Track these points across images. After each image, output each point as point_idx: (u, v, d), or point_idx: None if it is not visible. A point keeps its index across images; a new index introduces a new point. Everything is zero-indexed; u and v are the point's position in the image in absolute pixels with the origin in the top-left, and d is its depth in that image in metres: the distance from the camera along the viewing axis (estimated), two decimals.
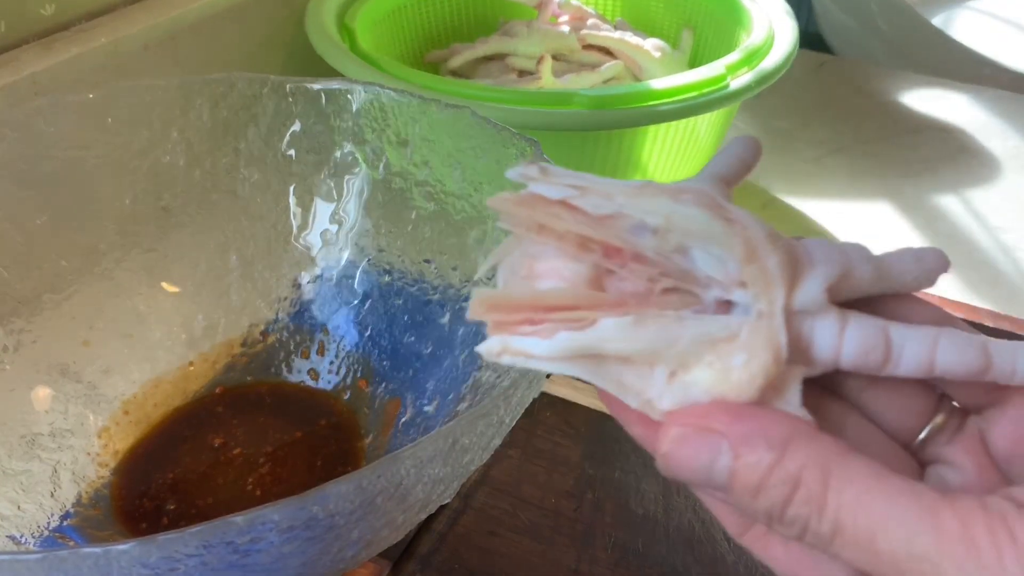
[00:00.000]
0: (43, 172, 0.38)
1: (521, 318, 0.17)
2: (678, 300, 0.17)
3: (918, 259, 0.18)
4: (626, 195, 0.17)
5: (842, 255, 0.17)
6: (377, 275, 0.41)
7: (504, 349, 0.17)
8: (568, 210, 0.17)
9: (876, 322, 0.17)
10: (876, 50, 0.91)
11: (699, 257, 0.17)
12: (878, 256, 0.18)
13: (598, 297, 0.17)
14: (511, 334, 0.17)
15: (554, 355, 0.16)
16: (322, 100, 0.40)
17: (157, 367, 0.40)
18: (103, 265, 0.39)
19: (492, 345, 0.17)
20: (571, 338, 0.16)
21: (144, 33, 0.48)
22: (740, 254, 0.16)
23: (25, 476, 0.34)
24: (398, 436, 0.37)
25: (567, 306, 0.17)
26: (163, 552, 0.20)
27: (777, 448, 0.16)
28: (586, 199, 0.17)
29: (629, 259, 0.17)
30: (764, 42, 0.54)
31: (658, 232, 0.16)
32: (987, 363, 0.17)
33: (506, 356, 0.17)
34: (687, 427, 0.16)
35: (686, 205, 0.16)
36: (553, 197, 0.17)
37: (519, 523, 0.37)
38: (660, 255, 0.17)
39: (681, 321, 0.16)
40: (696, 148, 0.55)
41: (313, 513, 0.21)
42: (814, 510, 0.15)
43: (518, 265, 0.17)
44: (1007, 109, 0.71)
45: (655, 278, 0.17)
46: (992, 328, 0.47)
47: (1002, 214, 0.59)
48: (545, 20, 0.63)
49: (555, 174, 0.17)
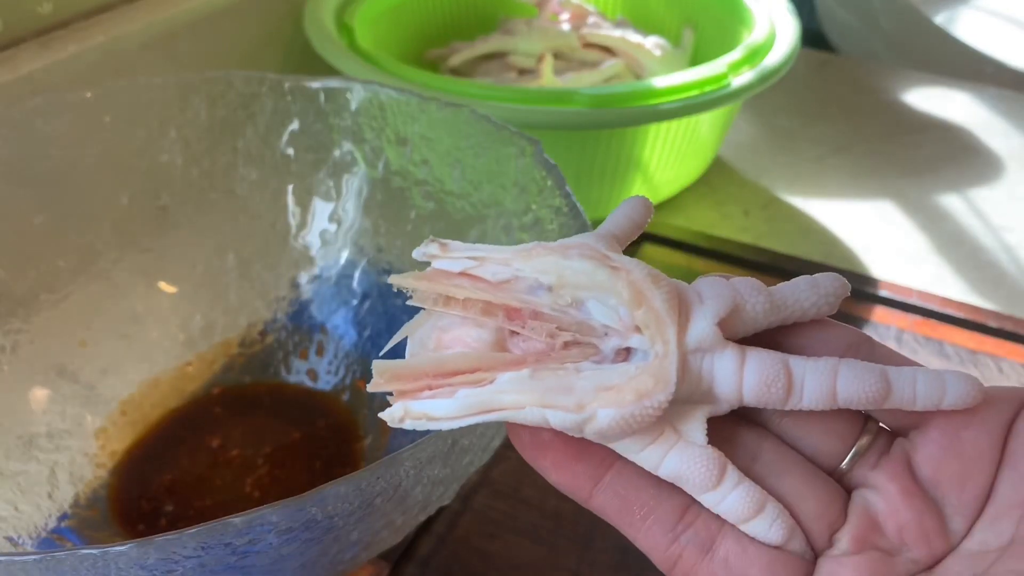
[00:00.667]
0: (40, 171, 0.37)
1: (422, 385, 0.18)
2: (579, 353, 0.18)
3: (813, 285, 0.18)
4: (520, 259, 0.18)
5: (731, 289, 0.18)
6: (376, 275, 0.40)
7: (406, 414, 0.17)
8: (469, 280, 0.18)
9: (775, 356, 0.18)
10: (878, 48, 0.91)
11: (594, 308, 0.17)
12: (773, 288, 0.18)
13: (498, 357, 0.18)
14: (413, 399, 0.17)
15: (454, 414, 0.17)
16: (321, 99, 0.40)
17: (155, 367, 0.39)
18: (100, 265, 0.39)
19: (395, 411, 0.17)
20: (470, 394, 0.17)
21: (142, 31, 0.48)
22: (627, 298, 0.17)
23: (22, 477, 0.33)
24: (397, 437, 0.37)
25: (468, 369, 0.17)
26: (161, 553, 0.20)
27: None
28: (484, 268, 0.18)
29: (528, 317, 0.18)
30: (766, 40, 0.54)
31: (552, 289, 0.17)
32: (887, 391, 0.17)
33: (408, 420, 0.17)
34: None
35: (572, 259, 0.18)
36: (454, 270, 0.18)
37: (519, 525, 0.36)
38: (557, 310, 0.18)
39: (579, 372, 0.17)
40: (697, 147, 0.55)
41: (312, 515, 0.21)
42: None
43: (427, 338, 0.19)
44: (1010, 108, 0.71)
45: (555, 333, 0.18)
46: (995, 328, 0.47)
47: (1005, 213, 0.59)
48: (546, 18, 0.63)
49: (454, 248, 0.19)
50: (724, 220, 0.57)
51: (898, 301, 0.49)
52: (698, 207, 0.58)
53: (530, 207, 0.34)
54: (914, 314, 0.49)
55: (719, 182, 0.61)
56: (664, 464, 0.17)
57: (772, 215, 0.58)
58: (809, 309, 0.18)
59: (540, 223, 0.33)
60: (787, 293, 0.18)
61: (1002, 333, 0.47)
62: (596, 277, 0.17)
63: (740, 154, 0.64)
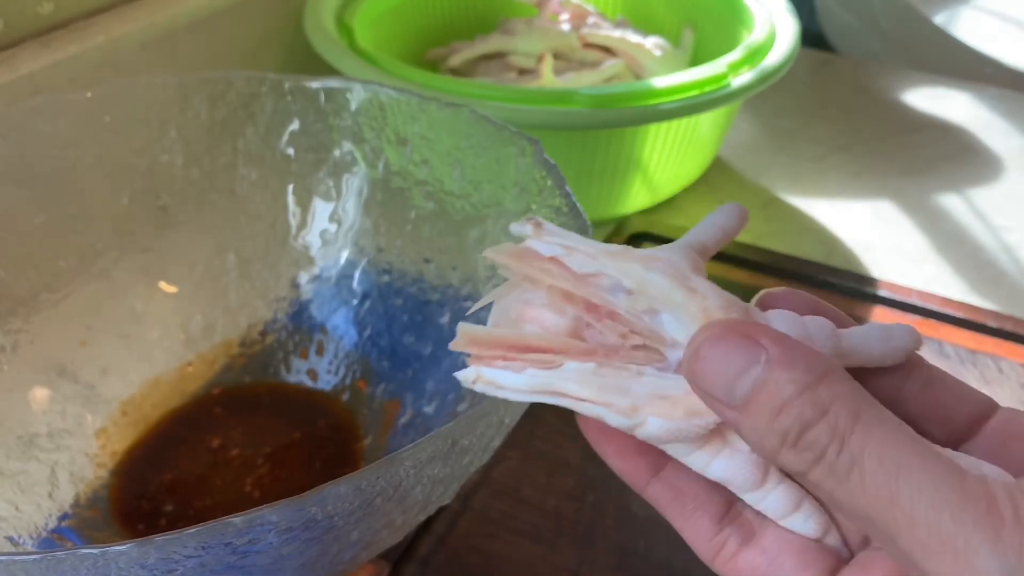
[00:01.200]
0: (40, 171, 0.37)
1: (498, 354, 0.19)
2: (645, 356, 0.18)
3: (885, 337, 0.19)
4: (607, 256, 0.19)
5: (801, 330, 0.18)
6: (376, 275, 0.40)
7: (478, 377, 0.19)
8: (557, 266, 0.19)
9: None
10: (878, 48, 0.91)
11: (667, 320, 0.18)
12: (844, 332, 0.19)
13: (569, 343, 0.19)
14: (487, 366, 0.19)
15: (520, 388, 0.19)
16: (321, 99, 0.40)
17: (155, 367, 0.39)
18: (100, 265, 0.39)
19: (468, 374, 0.19)
20: (537, 375, 0.18)
21: (142, 31, 0.48)
22: (699, 321, 0.18)
23: (23, 477, 0.33)
24: (397, 437, 0.37)
25: (541, 349, 0.19)
26: (161, 553, 0.20)
27: (815, 374, 0.16)
28: (572, 258, 0.19)
29: (605, 316, 0.19)
30: (766, 40, 0.54)
31: (631, 294, 0.18)
32: None
33: (479, 384, 0.19)
34: (731, 330, 0.16)
35: (653, 272, 0.18)
36: (545, 254, 0.19)
37: (519, 525, 0.36)
38: (632, 314, 0.18)
39: (640, 376, 0.18)
40: (697, 147, 0.55)
41: (312, 514, 0.21)
42: (836, 439, 0.15)
43: (510, 308, 0.20)
44: (1010, 108, 0.71)
45: (626, 335, 0.18)
46: (995, 328, 0.47)
47: (1005, 213, 0.59)
48: (545, 18, 0.63)
49: (549, 232, 0.19)
50: None
51: (898, 301, 0.49)
52: (698, 207, 0.58)
53: (530, 207, 0.34)
54: (914, 314, 0.49)
55: (719, 182, 0.61)
56: (711, 468, 0.19)
57: (772, 215, 0.58)
58: (876, 359, 0.19)
59: None
60: (856, 342, 0.19)
61: (1002, 333, 0.47)
62: (672, 296, 0.18)
63: (740, 154, 0.65)
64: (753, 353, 0.16)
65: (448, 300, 0.38)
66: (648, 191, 0.55)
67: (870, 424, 0.15)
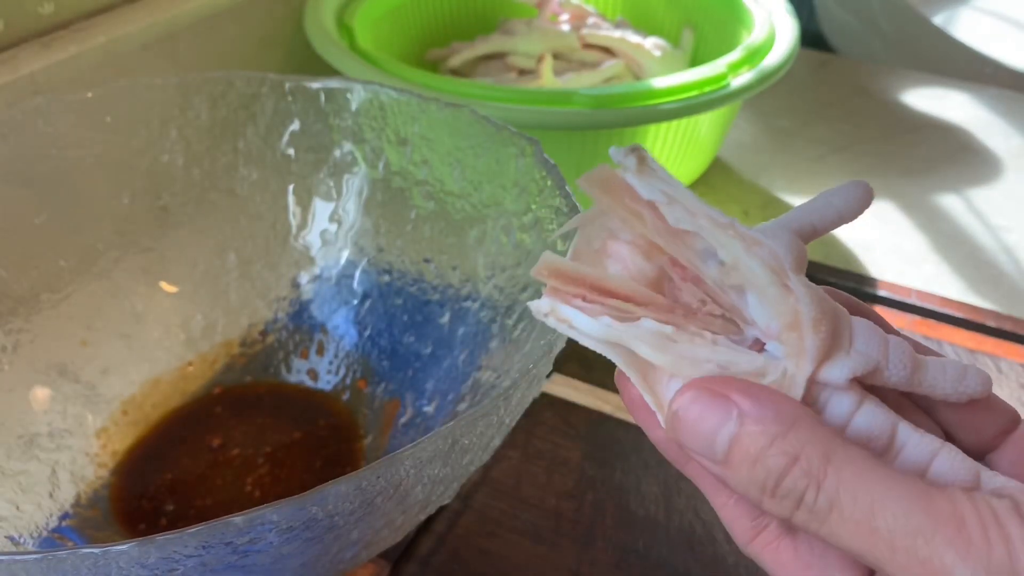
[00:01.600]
0: (41, 171, 0.37)
1: (577, 292, 0.18)
2: (722, 325, 0.18)
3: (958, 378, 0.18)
4: (709, 221, 0.17)
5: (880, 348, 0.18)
6: (376, 275, 0.40)
7: (552, 311, 0.18)
8: (652, 212, 0.18)
9: (888, 416, 0.18)
10: (877, 49, 0.91)
11: (753, 302, 0.18)
12: (922, 359, 0.18)
13: (651, 297, 0.18)
14: (562, 302, 0.18)
15: (591, 334, 0.18)
16: (321, 99, 0.40)
17: (155, 367, 0.40)
18: (101, 265, 0.39)
19: (542, 305, 0.18)
20: (611, 325, 0.17)
21: (143, 32, 0.48)
22: (786, 321, 0.17)
23: (23, 476, 0.34)
24: (397, 437, 0.37)
25: (623, 296, 0.18)
26: (162, 553, 0.20)
27: (784, 423, 0.16)
28: (671, 208, 0.18)
29: (690, 279, 0.18)
30: (765, 41, 0.54)
31: (723, 267, 0.18)
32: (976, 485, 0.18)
33: (551, 318, 0.18)
34: (702, 390, 0.17)
35: (754, 259, 0.17)
36: (643, 196, 0.18)
37: (519, 524, 0.36)
38: (718, 286, 0.18)
39: (714, 346, 0.18)
40: (697, 147, 0.55)
41: (312, 514, 0.21)
42: (811, 483, 0.16)
43: (595, 237, 0.19)
44: (1009, 108, 0.71)
45: (706, 301, 0.18)
46: (994, 328, 0.47)
47: (1004, 213, 0.59)
48: (545, 19, 0.63)
49: (652, 170, 0.18)
50: None
51: (897, 301, 0.49)
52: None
53: (530, 207, 0.34)
54: (913, 314, 0.49)
55: (719, 182, 0.61)
56: None
57: (771, 215, 0.58)
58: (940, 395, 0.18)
59: (540, 223, 0.33)
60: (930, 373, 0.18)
61: (1001, 333, 0.47)
62: (767, 290, 0.17)
63: (739, 154, 0.65)
64: (725, 410, 0.17)
65: (448, 300, 0.38)
66: None
67: (840, 464, 0.16)
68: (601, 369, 0.43)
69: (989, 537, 0.15)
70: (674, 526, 0.36)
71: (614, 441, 0.40)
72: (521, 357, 0.32)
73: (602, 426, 0.41)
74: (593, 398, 0.42)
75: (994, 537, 0.15)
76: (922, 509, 0.15)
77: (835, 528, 0.16)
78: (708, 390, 0.17)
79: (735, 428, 0.17)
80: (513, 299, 0.34)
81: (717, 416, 0.17)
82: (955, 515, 0.15)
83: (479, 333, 0.36)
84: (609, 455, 0.40)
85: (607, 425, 0.41)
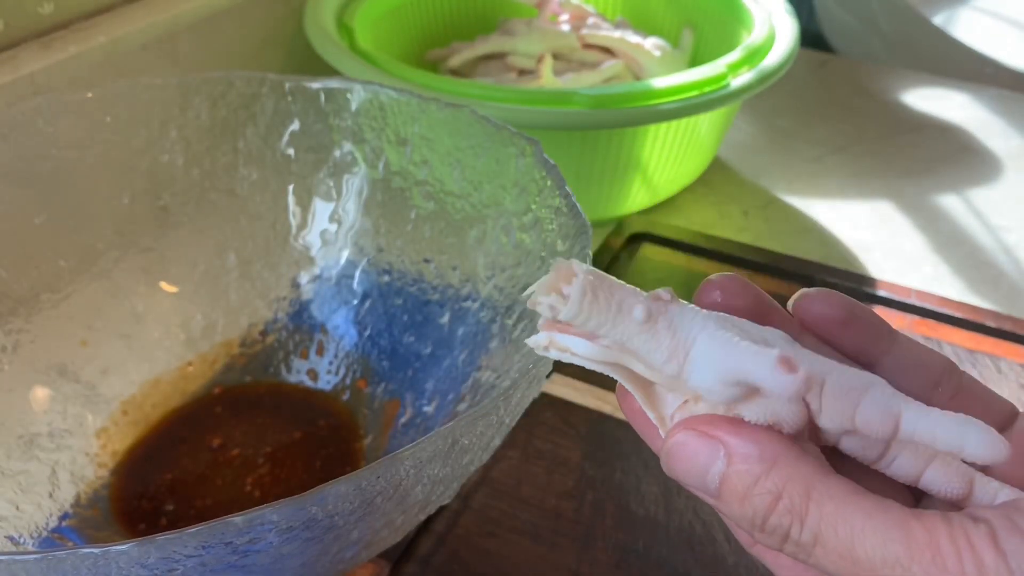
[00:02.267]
0: (41, 171, 0.37)
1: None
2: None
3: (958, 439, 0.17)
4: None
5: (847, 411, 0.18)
6: (376, 275, 0.40)
7: (551, 343, 0.19)
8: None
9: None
10: (877, 49, 0.91)
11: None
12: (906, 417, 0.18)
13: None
14: (558, 331, 0.18)
15: (591, 357, 0.18)
16: (321, 99, 0.40)
17: (155, 367, 0.40)
18: (101, 265, 0.39)
19: (540, 339, 0.19)
20: (608, 347, 0.18)
21: (143, 32, 0.48)
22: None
23: (23, 476, 0.34)
24: (397, 437, 0.37)
25: None
26: (162, 553, 0.20)
27: (767, 461, 0.17)
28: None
29: None
30: (765, 41, 0.54)
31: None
32: (969, 492, 0.19)
33: (552, 350, 0.19)
34: (692, 431, 0.18)
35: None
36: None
37: (519, 524, 0.36)
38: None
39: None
40: (697, 147, 0.55)
41: (312, 514, 0.21)
42: (795, 520, 0.17)
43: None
44: (1008, 108, 0.71)
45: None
46: (994, 328, 0.47)
47: (1003, 213, 0.59)
48: (545, 19, 0.63)
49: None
50: (723, 220, 0.57)
51: (897, 301, 0.49)
52: (697, 207, 0.58)
53: (530, 207, 0.34)
54: (913, 314, 0.49)
55: (718, 182, 0.61)
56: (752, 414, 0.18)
57: (771, 215, 0.58)
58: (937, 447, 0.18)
59: (540, 223, 0.33)
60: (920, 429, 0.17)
61: (1000, 333, 0.47)
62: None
63: (739, 154, 0.65)
64: (714, 449, 0.18)
65: (448, 300, 0.38)
66: (647, 191, 0.55)
67: (821, 500, 0.17)
68: None
69: (963, 564, 0.15)
70: (674, 526, 0.36)
71: (614, 441, 0.40)
72: (521, 357, 0.32)
73: (602, 426, 0.41)
74: (593, 398, 0.42)
75: (968, 564, 0.15)
76: (899, 539, 0.16)
77: (821, 560, 0.17)
78: (696, 431, 0.18)
79: (723, 467, 0.17)
80: (513, 299, 0.34)
81: (706, 454, 0.18)
82: (931, 544, 0.16)
83: (479, 333, 0.36)
84: (609, 455, 0.40)
85: (607, 425, 0.41)
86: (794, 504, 0.17)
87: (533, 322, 0.32)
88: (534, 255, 0.34)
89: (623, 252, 0.52)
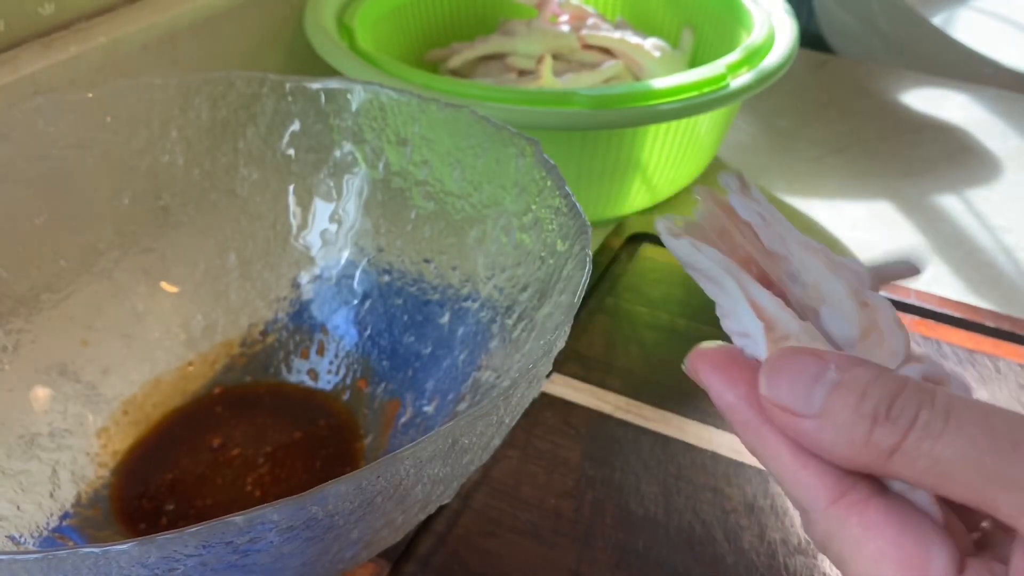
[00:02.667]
0: (42, 171, 0.37)
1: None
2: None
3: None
4: (798, 245, 0.20)
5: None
6: (376, 275, 0.41)
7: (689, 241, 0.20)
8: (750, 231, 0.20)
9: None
10: (877, 49, 0.91)
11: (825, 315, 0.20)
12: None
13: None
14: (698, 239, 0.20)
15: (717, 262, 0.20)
16: (321, 99, 0.40)
17: (156, 367, 0.40)
18: (101, 265, 0.39)
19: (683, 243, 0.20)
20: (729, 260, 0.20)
21: (143, 32, 0.48)
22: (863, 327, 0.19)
23: (24, 476, 0.34)
24: (397, 436, 0.37)
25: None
26: (162, 552, 0.20)
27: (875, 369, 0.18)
28: (767, 231, 0.20)
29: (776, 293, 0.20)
30: (764, 41, 0.54)
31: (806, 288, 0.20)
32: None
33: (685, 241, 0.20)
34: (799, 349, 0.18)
35: (836, 280, 0.20)
36: (743, 217, 0.20)
37: (519, 524, 0.36)
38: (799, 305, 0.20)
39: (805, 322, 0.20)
40: (696, 148, 0.55)
41: (312, 513, 0.21)
42: (926, 399, 0.16)
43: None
44: (1008, 108, 0.71)
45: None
46: (993, 328, 0.47)
47: (1003, 213, 0.59)
48: (545, 19, 0.63)
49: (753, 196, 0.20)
50: None
51: (896, 301, 0.49)
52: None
53: (530, 207, 0.34)
54: (912, 314, 0.49)
55: (718, 183, 0.61)
56: None
57: None
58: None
59: (540, 223, 0.33)
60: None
61: (1000, 333, 0.47)
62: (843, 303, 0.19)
63: (739, 154, 0.65)
64: (823, 364, 0.18)
65: (448, 300, 0.38)
66: (647, 192, 0.55)
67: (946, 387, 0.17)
68: (601, 369, 0.43)
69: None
70: (674, 526, 0.36)
71: (614, 441, 0.40)
72: (521, 357, 0.32)
73: (602, 426, 0.41)
74: (593, 398, 0.42)
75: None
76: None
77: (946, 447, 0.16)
78: (804, 348, 0.18)
79: (835, 375, 0.17)
80: (513, 299, 0.34)
81: (814, 369, 0.17)
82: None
83: (479, 333, 0.36)
84: (609, 455, 0.40)
85: (607, 425, 0.41)
86: (923, 387, 0.17)
87: (533, 322, 0.32)
88: (534, 255, 0.34)
89: (623, 252, 0.52)
